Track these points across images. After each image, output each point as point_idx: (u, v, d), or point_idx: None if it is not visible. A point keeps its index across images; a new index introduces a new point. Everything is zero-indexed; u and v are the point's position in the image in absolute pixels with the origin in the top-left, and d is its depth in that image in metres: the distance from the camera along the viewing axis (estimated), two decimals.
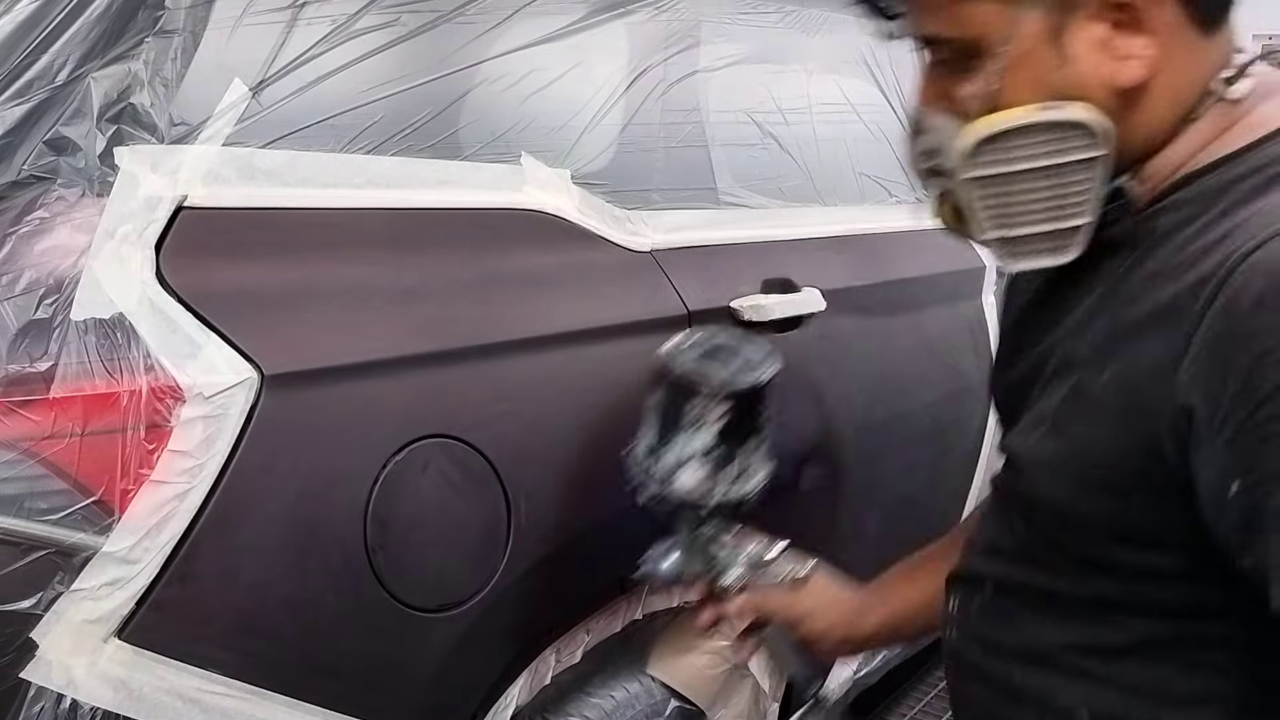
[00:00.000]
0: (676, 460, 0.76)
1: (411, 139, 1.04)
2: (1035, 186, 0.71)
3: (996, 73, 0.70)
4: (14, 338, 0.76)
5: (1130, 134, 0.70)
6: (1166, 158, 0.71)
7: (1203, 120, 0.70)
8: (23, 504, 0.75)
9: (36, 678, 0.76)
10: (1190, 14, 0.68)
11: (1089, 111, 0.68)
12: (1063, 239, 0.72)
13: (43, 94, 0.81)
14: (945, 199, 0.77)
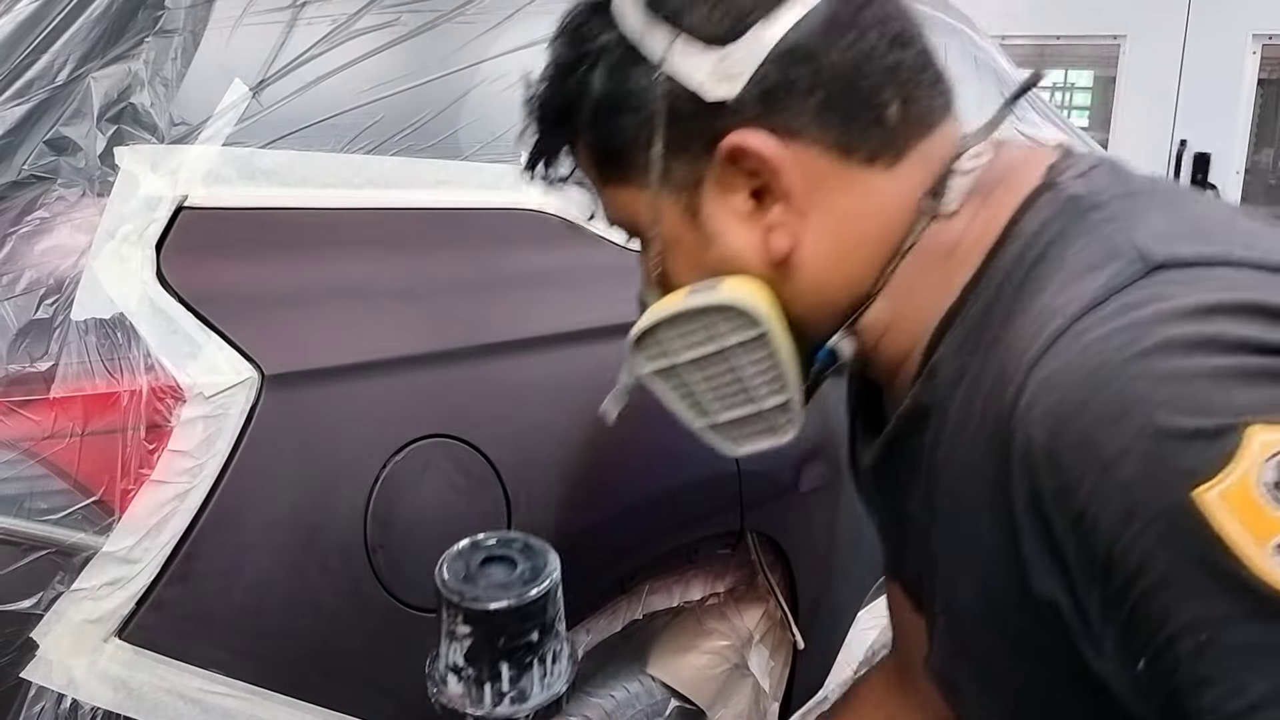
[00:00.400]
0: (444, 668, 0.74)
1: (412, 139, 1.04)
2: (713, 373, 0.67)
3: (659, 256, 0.68)
4: (14, 338, 0.76)
5: (815, 295, 0.65)
6: (896, 302, 0.65)
7: (920, 246, 0.63)
8: (23, 504, 0.75)
9: (37, 678, 0.76)
10: (846, 157, 0.62)
11: (737, 291, 0.63)
12: (772, 418, 0.68)
13: (43, 94, 0.82)
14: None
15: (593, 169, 0.70)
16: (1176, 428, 0.46)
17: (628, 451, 1.16)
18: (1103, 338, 0.50)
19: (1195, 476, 0.45)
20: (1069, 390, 0.49)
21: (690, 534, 1.28)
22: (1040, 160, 0.64)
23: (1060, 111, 2.68)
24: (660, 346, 0.67)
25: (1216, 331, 0.47)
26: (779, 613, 1.48)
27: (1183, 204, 0.58)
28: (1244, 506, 0.45)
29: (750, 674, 1.50)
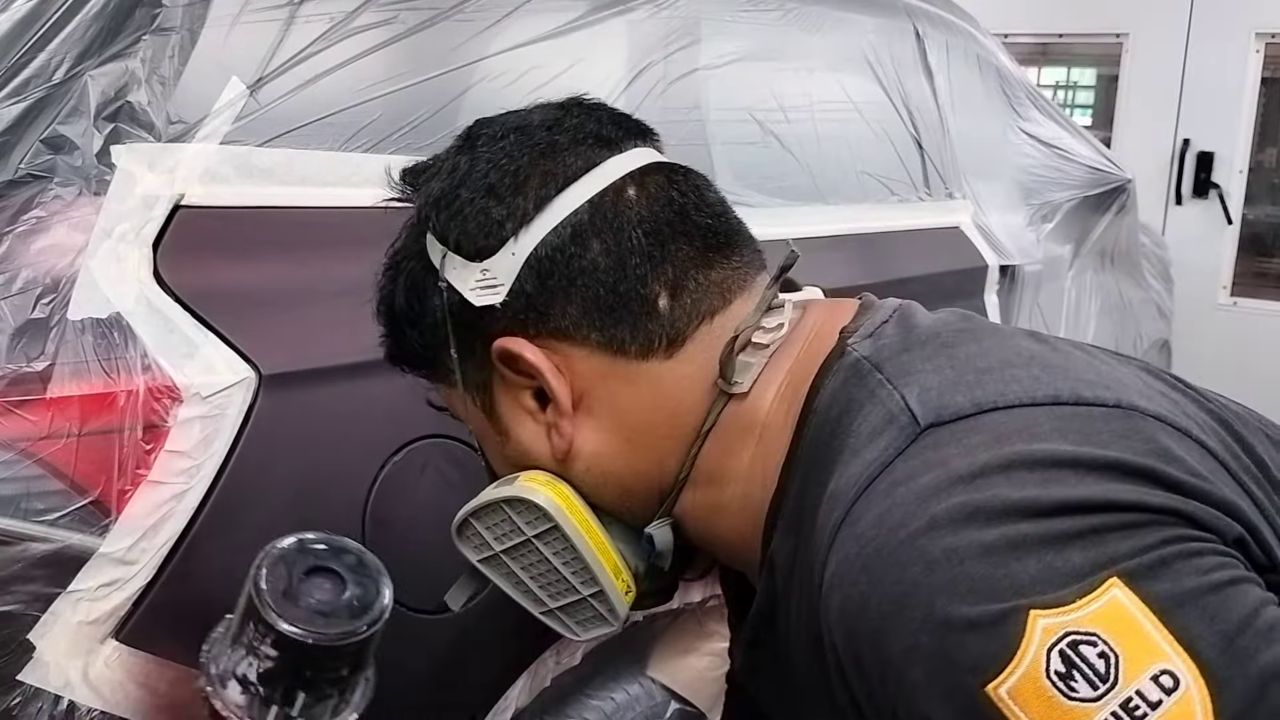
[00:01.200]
0: (230, 669, 0.69)
1: (410, 137, 1.03)
2: (529, 563, 0.68)
3: (479, 449, 0.72)
4: (11, 337, 0.76)
5: (614, 488, 0.66)
6: (711, 488, 0.64)
7: (721, 428, 0.63)
8: (19, 504, 0.74)
9: (34, 679, 0.76)
10: (618, 353, 0.63)
11: (526, 485, 0.65)
12: (597, 605, 0.68)
13: (40, 92, 0.81)
14: None
15: (417, 371, 0.72)
16: (955, 618, 0.44)
17: None
18: (874, 523, 0.49)
19: (982, 672, 0.43)
20: (851, 586, 0.48)
21: None
22: (838, 320, 0.64)
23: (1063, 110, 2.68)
24: (479, 537, 0.70)
25: (985, 499, 0.46)
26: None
27: (962, 344, 0.57)
28: (1037, 701, 0.42)
29: None
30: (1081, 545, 0.44)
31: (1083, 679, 0.42)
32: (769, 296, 0.65)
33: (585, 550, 0.66)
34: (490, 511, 0.68)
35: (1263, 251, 4.98)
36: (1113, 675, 0.42)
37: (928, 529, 0.46)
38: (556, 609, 0.70)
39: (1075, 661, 0.42)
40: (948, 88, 1.99)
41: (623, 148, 0.66)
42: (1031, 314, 2.08)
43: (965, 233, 1.92)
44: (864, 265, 1.60)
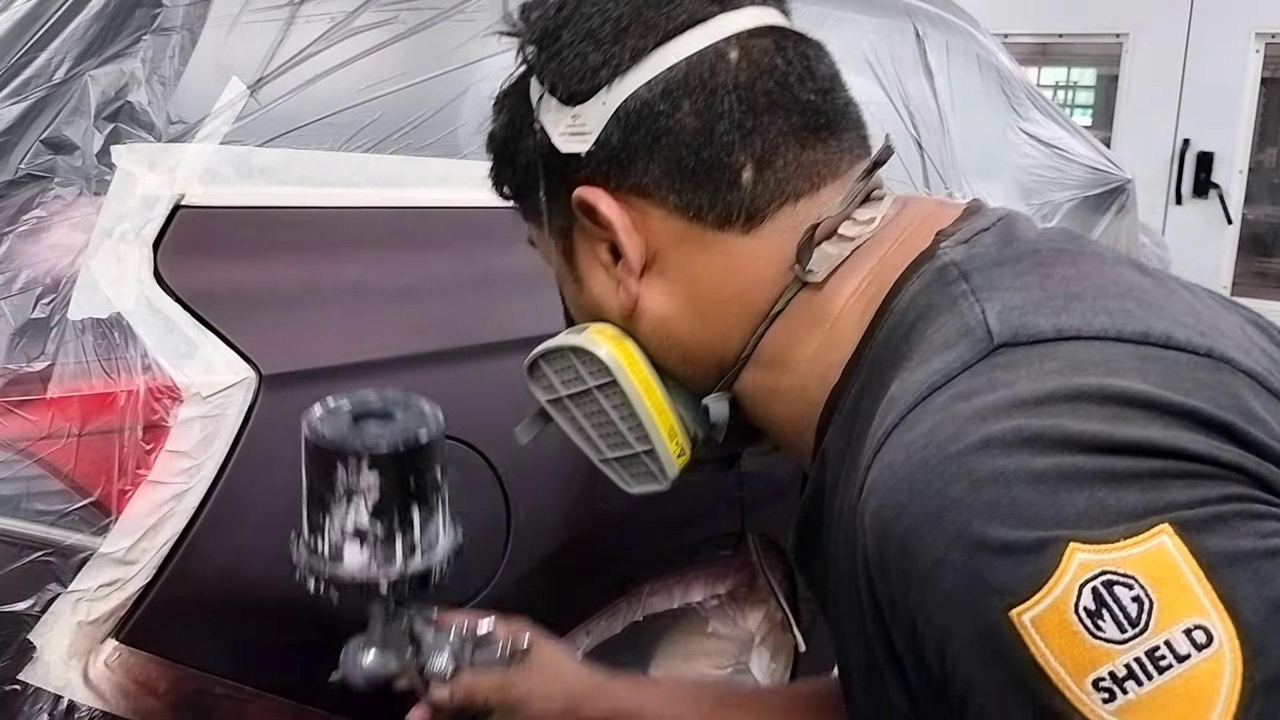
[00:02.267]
0: (339, 538, 0.69)
1: (410, 137, 1.03)
2: (590, 411, 0.70)
3: (559, 292, 0.72)
4: (11, 337, 0.76)
5: (679, 352, 0.66)
6: (773, 371, 0.64)
7: (791, 314, 0.62)
8: (20, 504, 0.74)
9: (34, 679, 0.76)
10: (695, 219, 0.62)
11: (593, 336, 0.66)
12: (647, 463, 0.69)
13: (40, 92, 0.81)
14: None
15: (514, 203, 0.73)
16: (991, 539, 0.42)
17: None
18: (925, 433, 0.47)
19: (1008, 596, 0.42)
20: (891, 493, 0.47)
21: (691, 535, 1.28)
22: (937, 222, 0.62)
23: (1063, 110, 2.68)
24: (547, 379, 0.71)
25: (1045, 427, 0.44)
26: (780, 614, 1.47)
27: (1059, 265, 0.54)
28: (1060, 634, 0.41)
29: (751, 676, 1.50)
30: (1139, 487, 0.42)
31: (1111, 620, 0.41)
32: (861, 188, 0.62)
33: (641, 408, 0.66)
34: (558, 356, 0.69)
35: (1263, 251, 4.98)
36: (1144, 621, 0.40)
37: (979, 447, 0.44)
38: (613, 459, 0.71)
39: (1107, 601, 0.41)
40: (948, 88, 1.99)
41: (739, 4, 0.63)
42: None
43: None
44: None
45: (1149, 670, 0.40)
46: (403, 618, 0.76)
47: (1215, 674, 0.40)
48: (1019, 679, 0.42)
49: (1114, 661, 0.40)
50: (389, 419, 0.72)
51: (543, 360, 0.70)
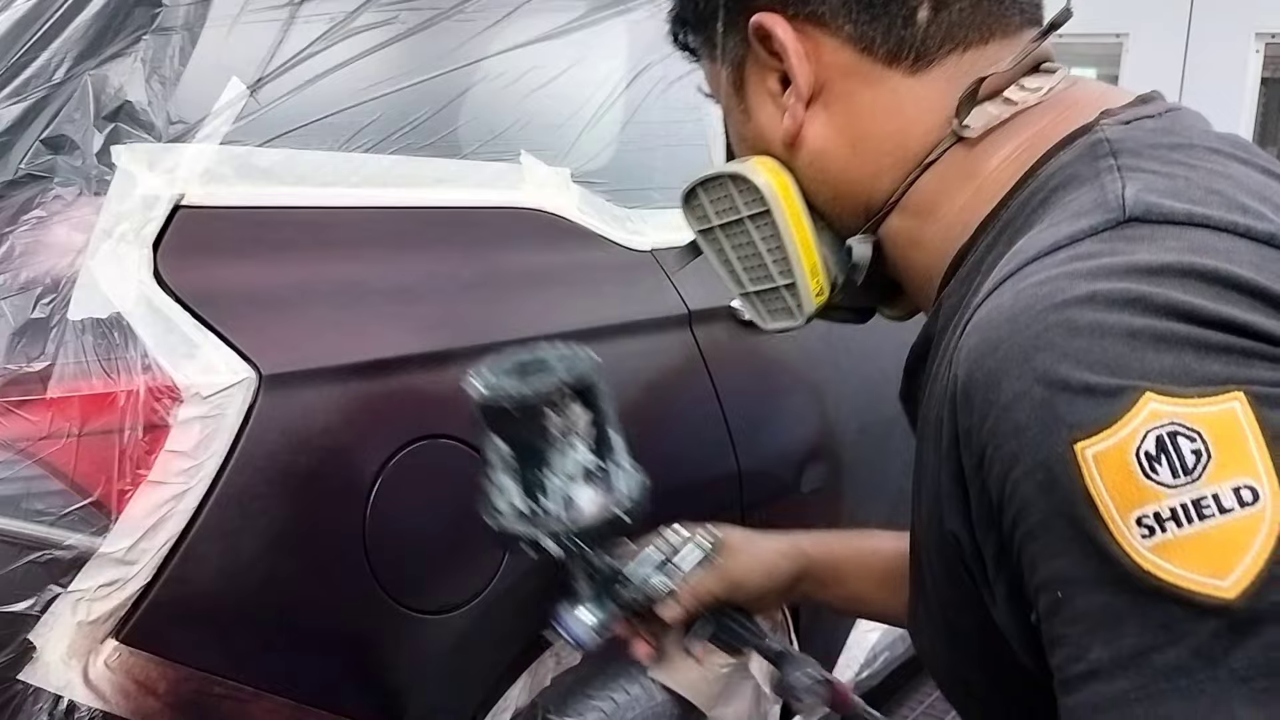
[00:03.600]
0: (564, 490, 0.70)
1: (410, 137, 1.03)
2: (739, 242, 0.72)
3: (725, 126, 0.73)
4: (11, 337, 0.76)
5: (831, 187, 0.67)
6: (918, 219, 0.65)
7: (942, 166, 0.63)
8: (19, 505, 0.74)
9: (34, 679, 0.76)
10: (866, 53, 0.63)
11: (753, 166, 0.68)
12: (786, 298, 0.72)
13: (40, 92, 0.81)
14: None
15: (690, 41, 0.74)
16: (1075, 380, 0.45)
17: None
18: (1038, 284, 0.49)
19: (1078, 430, 0.44)
20: (991, 330, 0.49)
21: None
22: (1105, 102, 0.62)
23: None
24: (702, 208, 0.73)
25: (1150, 293, 0.46)
26: (780, 614, 1.47)
27: (1210, 161, 0.55)
28: (1117, 471, 0.44)
29: (751, 676, 1.49)
30: (1226, 360, 0.44)
31: (1167, 465, 0.43)
32: (1030, 49, 0.64)
33: (789, 240, 0.68)
34: (716, 185, 0.71)
35: None
36: (1197, 472, 0.43)
37: (1084, 300, 0.46)
38: (753, 292, 0.74)
39: (1168, 448, 0.43)
40: None
41: None
42: None
43: None
44: None
45: (1191, 516, 0.42)
46: (602, 567, 0.77)
47: (1252, 530, 0.42)
48: (1069, 507, 0.44)
49: (1160, 503, 0.43)
50: (543, 364, 0.73)
51: (701, 188, 0.72)
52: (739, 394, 1.30)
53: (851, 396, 1.52)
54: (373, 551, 0.92)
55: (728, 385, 1.28)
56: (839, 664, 1.69)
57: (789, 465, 1.40)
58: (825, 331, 1.45)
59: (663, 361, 1.20)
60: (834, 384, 1.48)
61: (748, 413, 1.31)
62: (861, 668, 1.77)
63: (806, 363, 1.42)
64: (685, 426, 1.24)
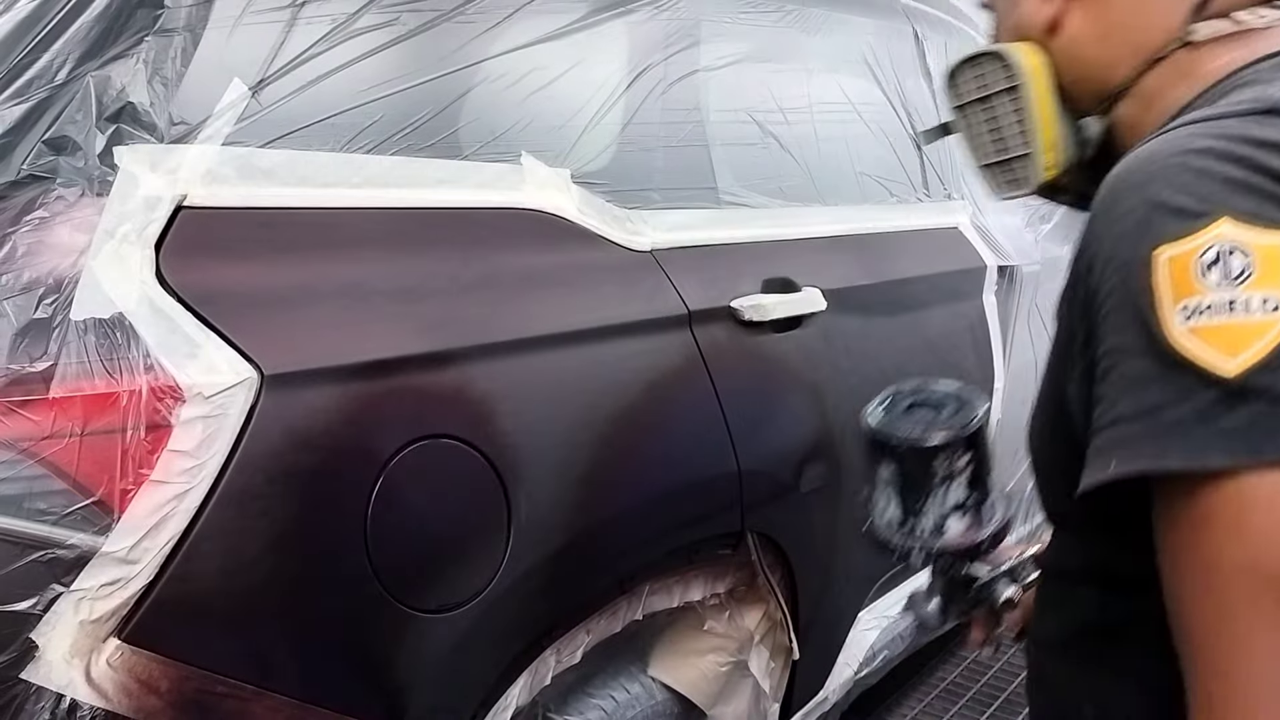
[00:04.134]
0: (938, 518, 0.83)
1: (411, 138, 1.04)
2: (985, 116, 0.82)
3: (995, 17, 0.83)
4: (14, 337, 0.76)
5: (1078, 69, 0.77)
6: (1141, 107, 0.74)
7: (1168, 64, 0.72)
8: (22, 504, 0.75)
9: (36, 678, 0.76)
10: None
11: (1011, 46, 0.78)
12: (1019, 169, 0.81)
13: (42, 93, 0.81)
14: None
15: None
16: (1172, 203, 0.57)
17: (628, 452, 1.16)
18: (1174, 137, 0.60)
19: (1162, 238, 0.56)
20: (1125, 165, 0.61)
21: (691, 534, 1.28)
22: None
23: None
24: (963, 86, 0.85)
25: (1262, 159, 0.56)
26: (779, 613, 1.47)
27: None
28: (1179, 270, 0.55)
29: (750, 674, 1.50)
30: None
31: (1218, 271, 0.55)
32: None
33: (1035, 112, 0.78)
34: (979, 62, 0.82)
35: None
36: (1239, 280, 0.54)
37: (1201, 151, 0.58)
38: (993, 163, 0.83)
39: (1222, 259, 0.55)
40: None
41: None
42: (1030, 314, 2.08)
43: (964, 233, 1.92)
44: (863, 266, 1.60)
45: (1223, 310, 0.54)
46: (959, 570, 0.91)
47: (1265, 330, 0.54)
48: (1137, 297, 0.57)
49: (1203, 297, 0.55)
50: (938, 409, 0.86)
51: (966, 64, 0.83)
52: (739, 394, 1.30)
53: (851, 396, 1.52)
54: (374, 551, 0.92)
55: (727, 385, 1.28)
56: (838, 663, 1.69)
57: (789, 465, 1.40)
58: (825, 331, 1.46)
59: (663, 362, 1.21)
60: (834, 384, 1.48)
61: (747, 413, 1.31)
62: (861, 666, 1.77)
63: (806, 363, 1.42)
64: (685, 427, 1.24)
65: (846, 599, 1.68)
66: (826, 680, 1.66)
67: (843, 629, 1.69)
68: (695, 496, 1.26)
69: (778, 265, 1.41)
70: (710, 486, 1.28)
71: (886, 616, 1.83)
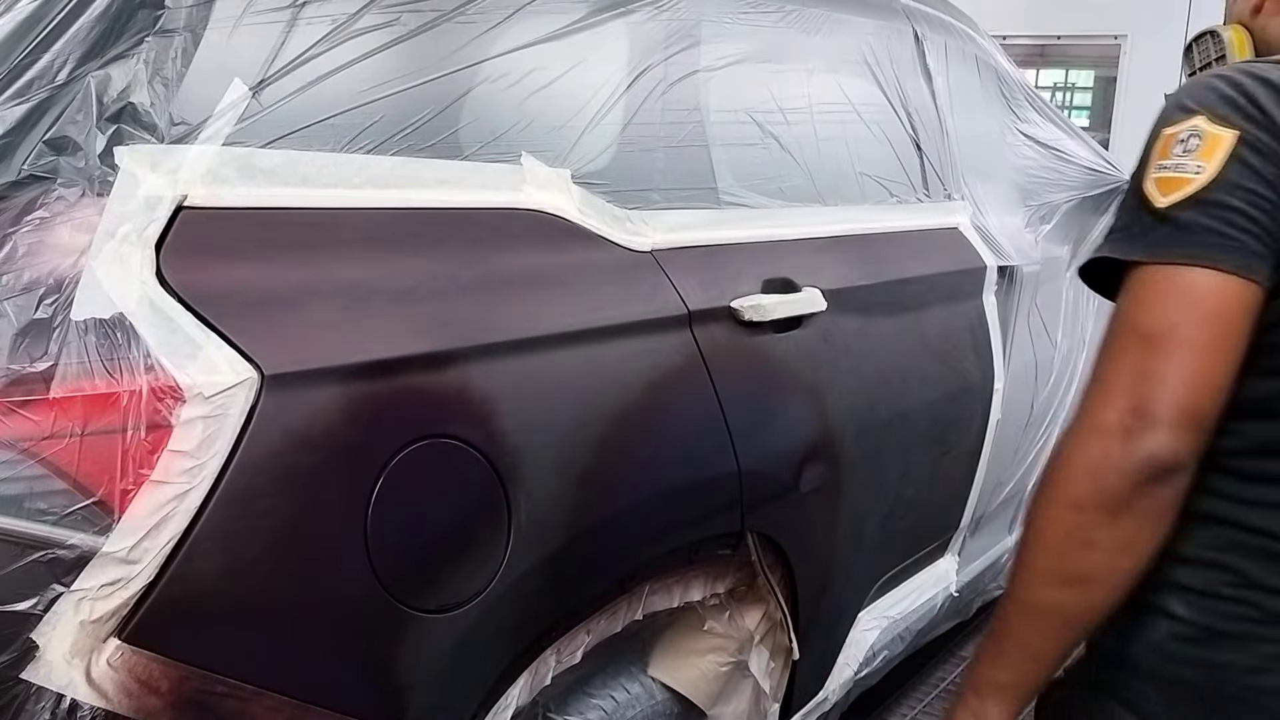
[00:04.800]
0: None
1: (412, 139, 1.04)
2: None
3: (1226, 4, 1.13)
4: (14, 338, 0.76)
5: (1267, 47, 1.02)
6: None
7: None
8: (23, 504, 0.75)
9: (37, 678, 0.76)
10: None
11: (1221, 26, 1.10)
12: None
13: (43, 93, 0.81)
14: None
15: None
16: (1181, 103, 0.83)
17: (628, 452, 1.16)
18: (1220, 70, 0.85)
19: (1167, 122, 0.83)
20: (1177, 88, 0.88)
21: (690, 534, 1.28)
22: None
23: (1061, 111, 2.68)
24: (1192, 56, 1.23)
25: (1248, 86, 0.79)
26: (779, 613, 1.47)
27: None
28: (1165, 142, 0.82)
29: (750, 675, 1.50)
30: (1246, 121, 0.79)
31: (1183, 146, 0.80)
32: None
33: None
34: (1202, 39, 1.21)
35: None
36: (1192, 151, 0.80)
37: (1221, 76, 0.82)
38: None
39: (1190, 139, 0.80)
40: (946, 89, 2.00)
41: None
42: (1030, 314, 2.08)
43: (964, 234, 1.92)
44: (863, 266, 1.61)
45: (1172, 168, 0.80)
46: None
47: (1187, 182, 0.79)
48: (1144, 154, 0.84)
49: (1168, 160, 0.81)
50: None
51: (1195, 41, 1.22)
52: (739, 394, 1.30)
53: (851, 396, 1.52)
54: (374, 550, 0.92)
55: (727, 385, 1.28)
56: (838, 663, 1.69)
57: (789, 465, 1.40)
58: (825, 332, 1.46)
59: (663, 362, 1.21)
60: (834, 384, 1.48)
61: (747, 413, 1.31)
62: (860, 666, 1.77)
63: (806, 363, 1.42)
64: (685, 427, 1.24)
65: (846, 599, 1.68)
66: (826, 680, 1.66)
67: (843, 629, 1.70)
68: (695, 496, 1.26)
69: (778, 265, 1.41)
70: (710, 486, 1.28)
71: (886, 616, 1.83)
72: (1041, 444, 2.23)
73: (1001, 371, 1.93)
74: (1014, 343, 2.01)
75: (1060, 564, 0.79)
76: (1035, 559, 0.81)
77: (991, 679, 0.84)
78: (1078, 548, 0.78)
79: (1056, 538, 0.79)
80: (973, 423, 1.88)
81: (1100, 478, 0.76)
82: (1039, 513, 0.80)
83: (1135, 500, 0.76)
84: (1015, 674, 0.84)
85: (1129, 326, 0.79)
